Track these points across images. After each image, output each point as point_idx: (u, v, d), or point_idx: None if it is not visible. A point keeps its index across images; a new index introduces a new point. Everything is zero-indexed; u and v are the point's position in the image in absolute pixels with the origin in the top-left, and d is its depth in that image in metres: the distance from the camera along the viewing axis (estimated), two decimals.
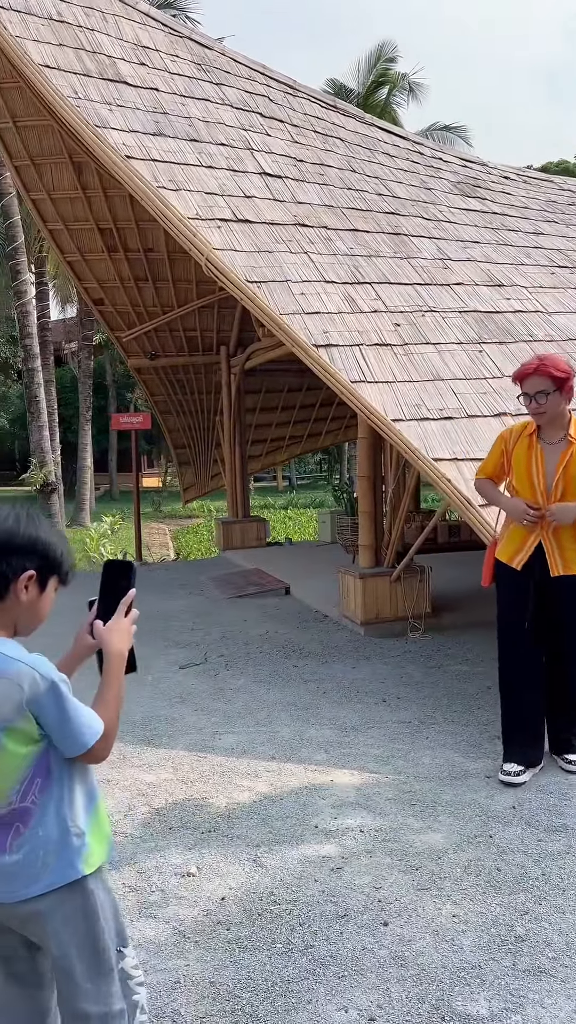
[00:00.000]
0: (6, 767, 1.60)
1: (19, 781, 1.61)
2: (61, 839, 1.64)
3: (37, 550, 1.64)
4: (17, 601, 1.64)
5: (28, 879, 1.62)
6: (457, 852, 3.17)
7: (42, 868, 1.62)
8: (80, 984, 1.67)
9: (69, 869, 1.65)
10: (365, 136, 9.03)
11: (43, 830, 1.62)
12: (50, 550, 1.66)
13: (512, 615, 3.95)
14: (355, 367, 5.38)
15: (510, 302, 6.49)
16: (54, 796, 1.64)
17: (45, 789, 1.63)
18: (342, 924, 2.73)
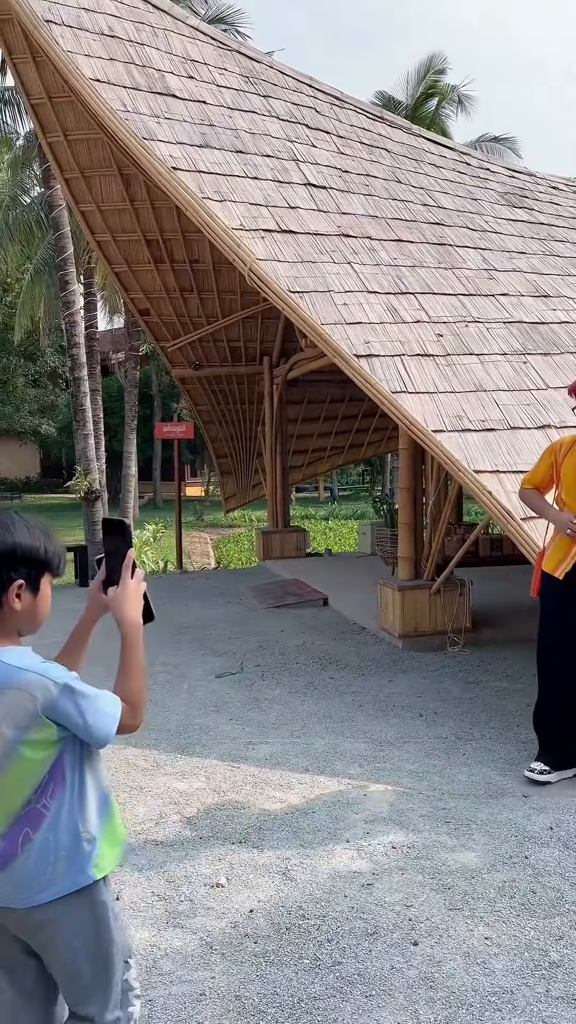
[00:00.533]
0: (24, 774, 1.59)
1: (35, 787, 1.60)
2: (72, 844, 1.63)
3: (19, 557, 1.60)
4: (12, 610, 1.61)
5: (39, 885, 1.60)
6: (491, 872, 3.10)
7: (53, 874, 1.61)
8: (85, 990, 1.67)
9: (80, 875, 1.63)
10: (411, 147, 9.00)
11: (54, 835, 1.61)
12: (32, 553, 1.62)
13: (551, 624, 3.96)
14: (396, 377, 5.34)
15: (556, 313, 6.40)
16: (66, 800, 1.63)
17: (57, 793, 1.62)
18: (371, 942, 2.68)
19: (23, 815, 1.60)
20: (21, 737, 1.56)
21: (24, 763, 1.58)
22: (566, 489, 3.87)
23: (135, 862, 3.27)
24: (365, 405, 13.34)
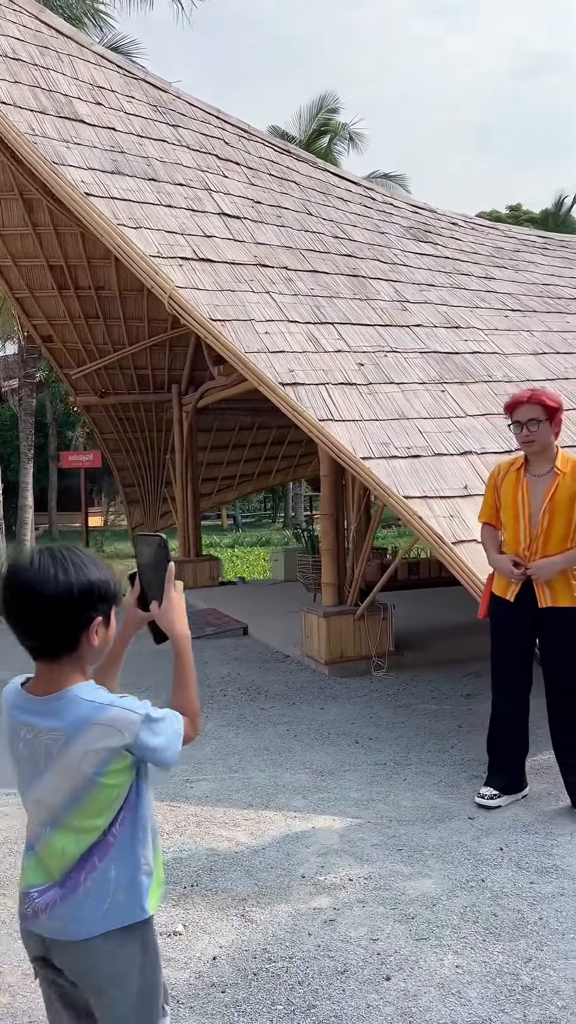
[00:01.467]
0: (105, 800, 1.56)
1: (112, 817, 1.57)
2: (132, 875, 1.58)
3: (95, 595, 1.56)
4: (91, 647, 1.58)
5: (97, 915, 1.55)
6: (451, 898, 3.10)
7: (112, 905, 1.56)
8: None
9: (137, 909, 1.59)
10: (319, 180, 9.20)
11: (116, 866, 1.57)
12: (105, 589, 1.58)
13: (503, 646, 4.00)
14: (322, 405, 5.38)
15: (468, 343, 6.62)
16: (130, 829, 1.59)
17: (126, 821, 1.59)
18: (343, 980, 2.62)
19: (98, 843, 1.56)
20: (102, 771, 1.53)
21: (104, 791, 1.55)
22: (504, 510, 3.94)
23: None
24: (274, 433, 13.44)
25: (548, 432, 3.81)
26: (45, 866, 1.59)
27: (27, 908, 1.59)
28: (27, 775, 1.59)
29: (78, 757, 1.52)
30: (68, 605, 1.52)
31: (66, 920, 1.55)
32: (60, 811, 1.56)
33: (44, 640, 1.55)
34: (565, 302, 8.07)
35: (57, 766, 1.54)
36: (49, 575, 1.51)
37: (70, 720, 1.53)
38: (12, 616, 1.54)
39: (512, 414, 3.89)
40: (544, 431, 3.80)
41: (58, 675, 1.57)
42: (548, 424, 3.80)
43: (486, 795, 3.93)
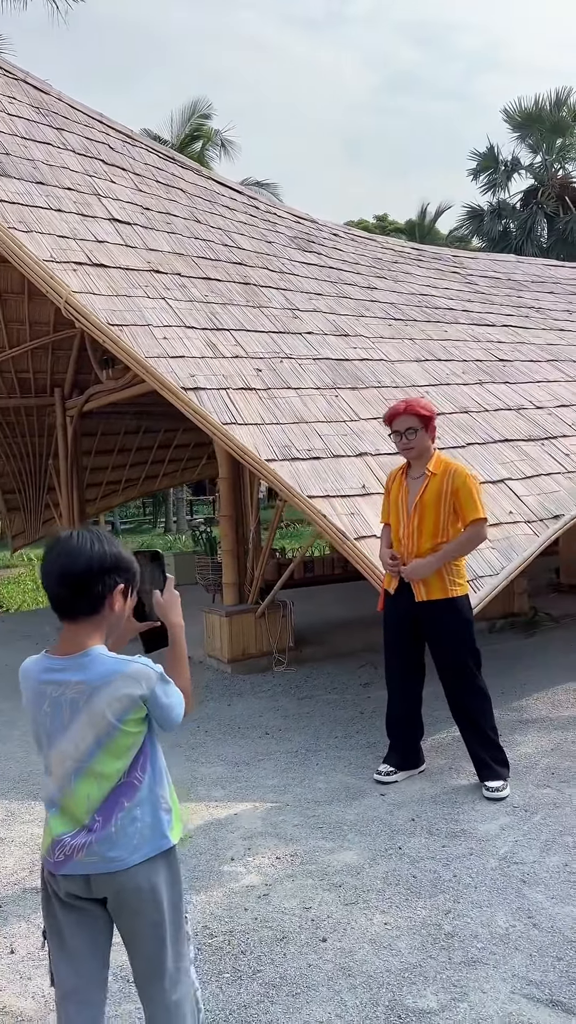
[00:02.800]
0: (124, 745, 1.81)
1: (130, 761, 1.82)
2: (155, 813, 1.85)
3: (122, 566, 1.83)
4: (111, 613, 1.83)
5: (129, 849, 1.81)
6: (373, 866, 3.34)
7: (140, 839, 1.82)
8: (167, 944, 1.87)
9: (162, 840, 1.86)
10: (204, 188, 9.34)
11: (141, 806, 1.83)
12: (129, 563, 1.85)
13: (389, 634, 4.32)
14: (224, 409, 5.55)
15: (356, 351, 6.95)
16: (150, 773, 1.86)
17: (146, 768, 1.85)
18: (283, 946, 2.81)
19: (119, 786, 1.81)
20: (123, 718, 1.78)
21: (124, 738, 1.80)
22: (392, 511, 4.28)
23: (19, 912, 3.15)
24: (160, 436, 13.43)
25: (424, 438, 4.15)
26: (71, 815, 1.82)
27: (59, 855, 1.82)
28: (52, 732, 1.81)
29: (103, 705, 1.77)
30: (99, 569, 1.79)
31: (103, 855, 1.80)
32: (85, 758, 1.79)
33: (76, 601, 1.79)
34: (441, 312, 8.57)
35: (83, 716, 1.78)
36: (86, 544, 1.79)
37: (96, 673, 1.78)
38: (52, 577, 1.79)
39: (391, 424, 4.23)
40: (421, 438, 4.14)
41: (82, 635, 1.81)
42: (424, 431, 4.14)
43: (383, 771, 4.25)
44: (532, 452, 6.11)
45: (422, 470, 4.16)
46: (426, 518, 4.07)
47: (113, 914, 1.88)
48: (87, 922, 1.88)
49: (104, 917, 1.90)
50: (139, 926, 1.86)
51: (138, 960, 1.90)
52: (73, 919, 1.87)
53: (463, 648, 4.11)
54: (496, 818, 3.74)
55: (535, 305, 9.76)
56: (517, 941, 2.76)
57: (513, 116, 29.40)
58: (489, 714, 4.15)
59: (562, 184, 29.55)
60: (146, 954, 1.88)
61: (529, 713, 5.22)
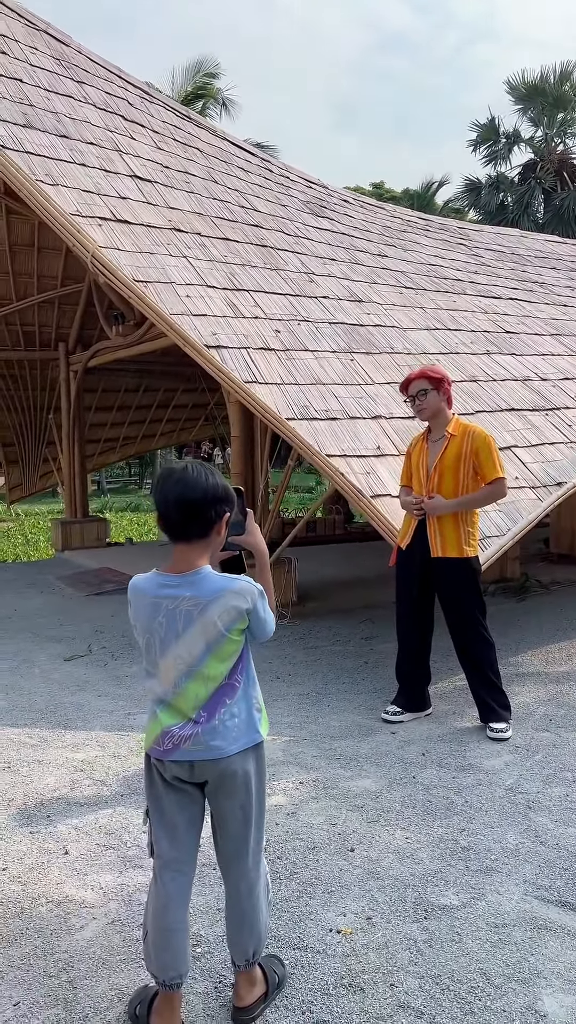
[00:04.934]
0: (229, 651, 2.07)
1: (232, 665, 2.09)
2: (249, 710, 2.13)
3: (229, 497, 2.07)
4: (217, 537, 2.07)
5: (230, 740, 2.08)
6: (390, 792, 3.64)
7: (238, 732, 2.09)
8: (252, 825, 2.15)
9: (255, 734, 2.14)
10: (220, 149, 9.41)
11: (238, 704, 2.10)
12: (231, 494, 2.08)
13: (401, 587, 4.59)
14: (245, 368, 5.74)
15: (370, 316, 7.15)
16: (246, 677, 2.13)
17: (244, 671, 2.12)
18: (315, 854, 3.10)
19: (222, 687, 2.08)
20: (230, 628, 2.04)
21: (229, 645, 2.06)
22: (414, 474, 4.54)
23: (67, 821, 3.41)
24: (160, 395, 13.56)
25: (437, 400, 4.39)
26: (179, 710, 2.08)
27: (168, 744, 2.09)
28: (166, 639, 2.06)
29: (215, 616, 2.02)
30: (212, 498, 2.02)
31: (207, 744, 2.07)
32: (196, 662, 2.05)
33: (190, 525, 2.02)
34: (450, 282, 8.76)
35: (196, 625, 2.03)
36: (201, 475, 2.02)
37: (208, 589, 2.03)
38: (170, 503, 2.01)
39: (406, 391, 4.47)
40: (433, 399, 4.37)
41: (193, 557, 2.06)
42: (436, 392, 4.38)
43: (390, 711, 4.56)
44: (537, 422, 6.37)
45: (441, 432, 4.41)
46: (446, 478, 4.32)
47: (209, 797, 2.16)
48: (187, 802, 2.16)
49: (201, 800, 2.18)
50: (231, 807, 2.14)
51: (226, 839, 2.18)
52: (175, 799, 2.14)
53: (471, 601, 4.40)
54: (500, 755, 4.05)
55: (538, 279, 9.97)
56: (527, 855, 3.07)
57: (517, 88, 29.21)
58: (493, 661, 4.45)
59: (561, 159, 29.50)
60: (234, 833, 2.16)
61: (525, 668, 5.54)
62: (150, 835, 2.21)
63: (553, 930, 2.61)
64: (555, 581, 8.48)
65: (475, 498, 4.31)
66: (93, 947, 2.57)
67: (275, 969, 2.35)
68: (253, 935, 2.22)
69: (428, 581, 4.48)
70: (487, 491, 4.32)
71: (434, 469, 4.35)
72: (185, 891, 2.20)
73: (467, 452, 4.30)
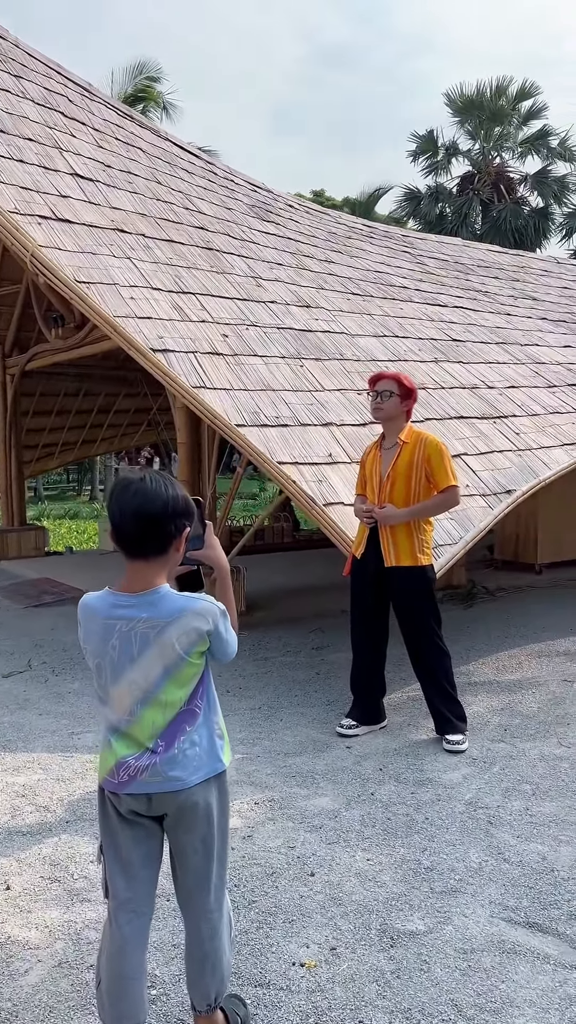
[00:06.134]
0: (188, 676, 1.94)
1: (191, 690, 1.95)
2: (210, 738, 1.99)
3: (189, 511, 1.94)
4: (175, 553, 1.94)
5: (191, 770, 1.94)
6: (349, 810, 3.53)
7: (199, 762, 1.96)
8: (215, 859, 2.01)
9: (217, 763, 2.00)
10: (163, 150, 9.24)
11: (199, 731, 1.97)
12: (191, 508, 1.95)
13: (355, 597, 4.51)
14: (193, 372, 5.59)
15: (319, 322, 7.06)
16: (207, 702, 2.00)
17: (204, 696, 1.99)
18: (274, 880, 2.97)
19: (181, 713, 1.94)
20: (190, 650, 1.91)
21: (189, 668, 1.93)
22: (368, 482, 4.46)
23: (8, 854, 3.21)
24: (100, 400, 13.27)
25: (396, 406, 4.33)
26: (135, 739, 1.94)
27: (123, 776, 1.93)
28: (119, 664, 1.92)
29: (173, 638, 1.89)
30: (172, 512, 1.88)
31: (166, 775, 1.92)
32: (153, 687, 1.91)
33: (148, 541, 1.89)
34: (396, 289, 8.75)
35: (153, 648, 1.90)
36: (160, 487, 1.88)
37: (167, 609, 1.90)
38: (127, 516, 1.86)
39: (374, 385, 4.40)
40: (393, 404, 4.32)
41: (150, 575, 1.92)
42: (398, 399, 4.32)
43: (345, 725, 4.46)
44: (485, 429, 6.37)
45: (394, 440, 4.34)
46: (398, 486, 4.25)
47: (168, 831, 2.01)
48: (144, 837, 2.00)
49: (159, 834, 2.02)
50: (192, 842, 1.99)
51: (186, 875, 2.02)
52: (131, 835, 1.98)
53: (426, 609, 4.34)
54: (458, 768, 3.98)
55: (482, 288, 10.05)
56: (491, 873, 2.99)
57: (455, 101, 29.70)
58: (448, 670, 4.40)
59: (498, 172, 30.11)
60: (195, 868, 2.01)
61: (477, 677, 5.51)
62: (104, 874, 2.04)
63: (522, 954, 2.53)
64: (500, 588, 8.52)
65: (427, 506, 4.25)
66: (39, 993, 2.38)
67: (237, 1011, 2.21)
68: (215, 977, 2.08)
69: (382, 591, 4.40)
70: (439, 499, 4.26)
71: (387, 477, 4.28)
72: (143, 934, 2.04)
73: (419, 460, 4.24)
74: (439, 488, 4.23)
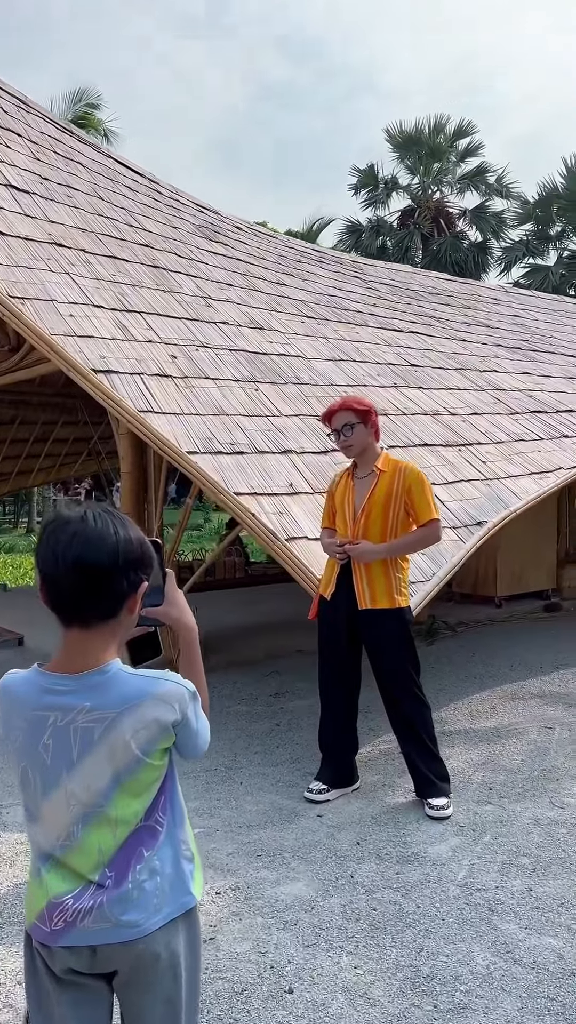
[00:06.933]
0: (147, 782, 1.44)
1: (151, 799, 1.45)
2: (176, 862, 1.49)
3: (147, 557, 1.46)
4: (128, 616, 1.45)
5: (150, 911, 1.44)
6: (326, 899, 3.03)
7: (161, 898, 1.45)
8: (183, 1020, 1.51)
9: (186, 896, 1.50)
10: (105, 166, 8.80)
11: (159, 856, 1.46)
12: (150, 553, 1.48)
13: (324, 643, 4.04)
14: (139, 396, 5.10)
15: (273, 345, 6.65)
16: (171, 814, 1.50)
17: (168, 807, 1.49)
18: (244, 1001, 2.44)
19: (136, 832, 1.44)
20: (150, 749, 1.43)
21: (148, 772, 1.43)
22: (338, 514, 4.02)
23: None
24: (38, 430, 12.63)
25: (364, 434, 3.92)
26: (74, 870, 1.43)
27: (58, 922, 1.42)
28: (53, 770, 1.42)
29: (127, 735, 1.40)
30: (126, 562, 1.40)
31: (116, 919, 1.41)
32: (99, 800, 1.42)
33: (92, 602, 1.39)
34: (351, 313, 8.43)
35: (100, 748, 1.40)
36: (108, 527, 1.39)
37: (119, 695, 1.41)
38: (63, 569, 1.37)
39: (329, 423, 3.99)
40: (360, 433, 3.90)
41: (94, 647, 1.42)
42: (363, 427, 3.91)
43: (315, 789, 3.97)
44: (451, 457, 6.02)
45: (370, 468, 3.92)
46: (375, 519, 3.82)
47: (119, 989, 1.49)
48: (86, 1002, 1.47)
49: (107, 995, 1.51)
50: (150, 1003, 1.48)
51: None
52: (68, 999, 1.46)
53: (404, 656, 3.91)
54: (444, 839, 3.51)
55: (435, 315, 9.82)
56: (502, 981, 2.52)
57: (394, 136, 30.12)
58: (429, 723, 3.95)
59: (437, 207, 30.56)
60: None
61: (451, 725, 5.08)
62: None
63: None
64: (461, 622, 8.19)
65: (408, 542, 3.83)
66: None
67: None
68: None
69: (354, 635, 3.95)
70: (420, 534, 3.84)
71: (362, 510, 3.84)
72: None
73: (398, 490, 3.82)
74: (420, 521, 3.81)
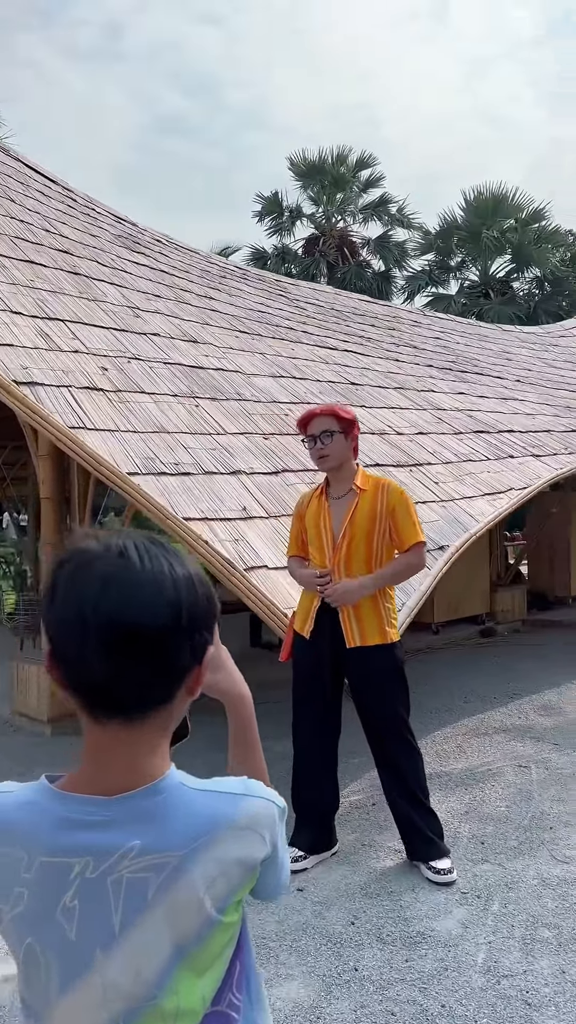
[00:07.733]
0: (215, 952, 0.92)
1: (224, 970, 0.94)
2: None
3: (213, 608, 0.95)
4: (188, 698, 0.95)
5: None
6: (331, 1001, 2.52)
7: None
8: None
9: None
10: (14, 169, 8.17)
11: None
12: (215, 600, 0.96)
13: (302, 690, 3.56)
14: (69, 411, 4.53)
15: (209, 359, 6.18)
16: (247, 992, 0.99)
17: (242, 984, 0.98)
18: None
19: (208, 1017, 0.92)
20: (227, 902, 0.91)
21: (221, 935, 0.92)
22: (310, 537, 3.57)
23: None
24: None
25: (344, 446, 3.50)
26: None
27: None
28: (80, 948, 0.87)
29: (200, 888, 0.88)
30: (189, 619, 0.90)
31: None
32: (153, 990, 0.88)
33: (139, 682, 0.88)
34: (284, 330, 8.05)
35: (156, 911, 0.87)
36: (162, 568, 0.89)
37: (184, 827, 0.89)
38: (87, 637, 0.84)
39: (306, 428, 3.55)
40: (339, 444, 3.48)
41: (141, 752, 0.90)
42: (343, 437, 3.49)
43: (291, 857, 3.43)
44: (404, 478, 5.67)
45: (347, 487, 3.48)
46: (357, 544, 3.37)
47: None
48: None
49: None
50: None
51: None
52: None
53: (397, 698, 3.46)
54: (449, 911, 3.07)
55: (363, 335, 9.57)
56: None
57: (298, 165, 30.32)
58: (421, 773, 3.51)
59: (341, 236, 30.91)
60: None
61: None
62: None
63: None
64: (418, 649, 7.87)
65: (397, 572, 3.40)
66: None
67: None
68: None
69: (339, 677, 3.48)
70: (407, 560, 3.42)
71: (342, 535, 3.39)
72: None
73: (382, 511, 3.39)
74: (405, 546, 3.39)
